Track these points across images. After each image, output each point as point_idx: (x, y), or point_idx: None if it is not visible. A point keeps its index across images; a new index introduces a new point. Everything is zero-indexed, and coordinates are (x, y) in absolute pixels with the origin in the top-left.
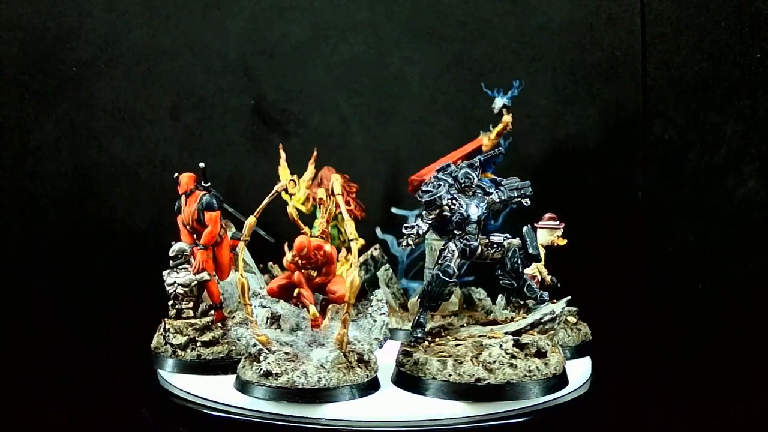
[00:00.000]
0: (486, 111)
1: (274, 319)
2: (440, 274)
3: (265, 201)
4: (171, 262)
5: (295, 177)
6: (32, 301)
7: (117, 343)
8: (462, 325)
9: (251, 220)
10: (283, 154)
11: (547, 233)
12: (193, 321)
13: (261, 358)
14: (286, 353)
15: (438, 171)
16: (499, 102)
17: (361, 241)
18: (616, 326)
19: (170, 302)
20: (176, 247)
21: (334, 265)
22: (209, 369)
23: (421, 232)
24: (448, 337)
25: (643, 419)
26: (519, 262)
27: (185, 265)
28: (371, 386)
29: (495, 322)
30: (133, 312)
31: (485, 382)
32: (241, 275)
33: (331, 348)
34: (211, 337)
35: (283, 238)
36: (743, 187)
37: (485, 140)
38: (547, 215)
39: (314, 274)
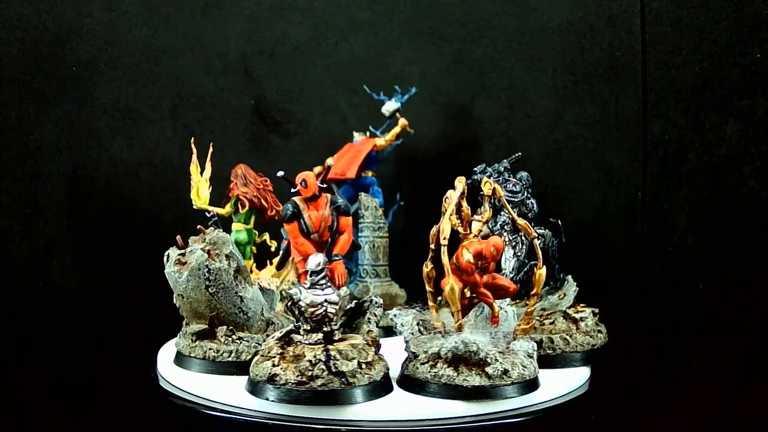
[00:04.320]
0: (486, 110)
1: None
2: (527, 262)
3: (452, 203)
4: (312, 277)
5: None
6: (32, 301)
7: (117, 343)
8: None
9: (446, 227)
10: (194, 150)
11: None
12: (356, 342)
13: (489, 360)
14: (498, 352)
15: (487, 173)
16: (393, 105)
17: (275, 243)
18: (616, 326)
19: (307, 325)
20: (320, 260)
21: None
22: (381, 390)
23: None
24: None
25: (643, 419)
26: (555, 249)
27: (322, 281)
28: None
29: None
30: (133, 312)
31: (596, 347)
32: (453, 280)
33: (525, 339)
34: (372, 356)
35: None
36: (743, 187)
37: (380, 141)
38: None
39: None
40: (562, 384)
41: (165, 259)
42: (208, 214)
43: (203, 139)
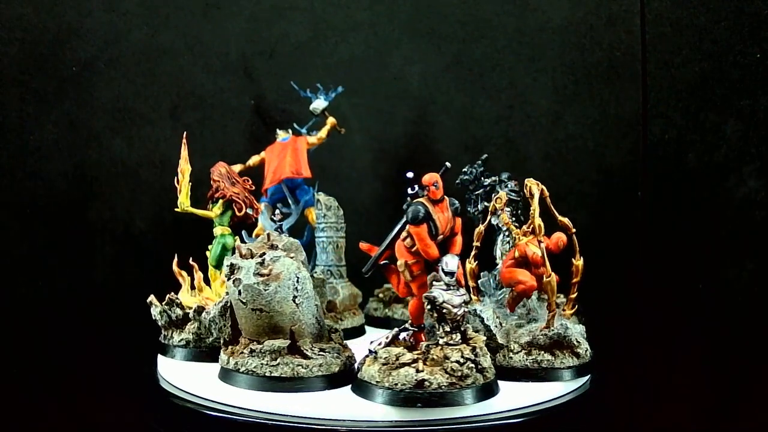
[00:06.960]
0: (486, 110)
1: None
2: None
3: (535, 205)
4: (448, 278)
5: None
6: (32, 301)
7: (117, 343)
8: None
9: (540, 224)
10: (186, 146)
11: None
12: (482, 338)
13: (575, 343)
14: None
15: (473, 174)
16: (322, 104)
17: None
18: (616, 326)
19: (447, 327)
20: (458, 261)
21: None
22: (497, 381)
23: None
24: None
25: (643, 419)
26: None
27: (454, 282)
28: None
29: None
30: (133, 311)
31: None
32: (549, 274)
33: (573, 322)
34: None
35: None
36: (743, 187)
37: (312, 139)
38: None
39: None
40: None
41: (228, 270)
42: (274, 218)
43: (203, 139)
